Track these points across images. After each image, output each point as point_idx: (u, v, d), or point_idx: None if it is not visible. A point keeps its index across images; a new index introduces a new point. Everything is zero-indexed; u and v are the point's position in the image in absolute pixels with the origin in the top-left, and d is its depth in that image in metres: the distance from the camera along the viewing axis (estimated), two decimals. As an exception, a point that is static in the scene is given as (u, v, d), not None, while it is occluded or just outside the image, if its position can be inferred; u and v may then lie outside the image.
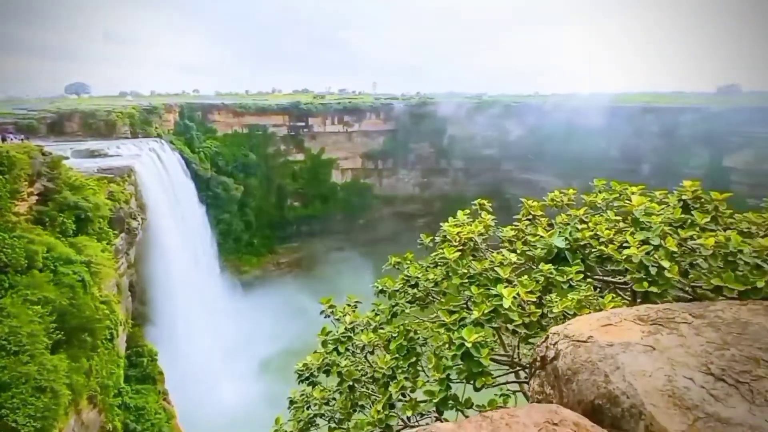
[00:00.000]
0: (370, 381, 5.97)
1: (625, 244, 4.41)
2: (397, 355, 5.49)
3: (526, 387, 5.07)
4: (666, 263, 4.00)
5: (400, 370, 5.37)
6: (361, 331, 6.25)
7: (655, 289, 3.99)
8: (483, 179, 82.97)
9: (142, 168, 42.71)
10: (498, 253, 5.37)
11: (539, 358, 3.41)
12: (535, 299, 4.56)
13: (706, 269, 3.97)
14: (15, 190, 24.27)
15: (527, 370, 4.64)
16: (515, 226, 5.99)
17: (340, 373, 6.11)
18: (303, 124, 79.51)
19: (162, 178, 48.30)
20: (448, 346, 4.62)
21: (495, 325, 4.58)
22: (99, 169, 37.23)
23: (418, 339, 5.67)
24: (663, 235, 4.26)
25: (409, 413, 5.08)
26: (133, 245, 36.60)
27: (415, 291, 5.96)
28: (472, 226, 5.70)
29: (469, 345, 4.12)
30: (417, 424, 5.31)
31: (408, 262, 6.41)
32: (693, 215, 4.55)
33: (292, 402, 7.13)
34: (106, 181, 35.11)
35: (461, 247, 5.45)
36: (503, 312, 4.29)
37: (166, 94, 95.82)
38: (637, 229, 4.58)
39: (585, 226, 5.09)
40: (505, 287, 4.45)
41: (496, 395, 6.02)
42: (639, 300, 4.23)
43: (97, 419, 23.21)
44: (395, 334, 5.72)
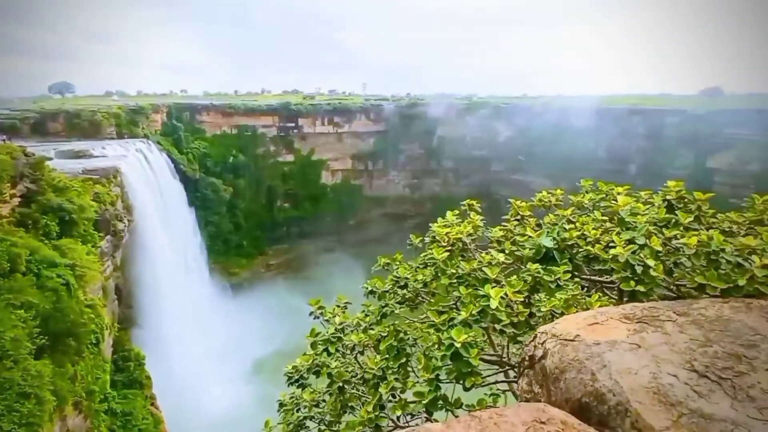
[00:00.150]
0: (360, 382, 5.96)
1: (611, 244, 4.46)
2: (387, 355, 5.48)
3: (515, 386, 5.10)
4: (651, 262, 4.06)
5: (390, 371, 5.37)
6: (351, 331, 6.23)
7: (641, 287, 4.05)
8: (473, 180, 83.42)
9: (129, 169, 42.12)
10: (487, 253, 5.40)
11: (527, 358, 3.43)
12: (522, 299, 4.59)
13: (690, 268, 4.04)
14: (-3, 191, 23.78)
15: (516, 370, 4.66)
16: (504, 226, 6.03)
17: (330, 375, 6.09)
18: (293, 124, 79.15)
19: (149, 180, 47.69)
20: (437, 346, 4.63)
21: (484, 325, 4.60)
22: (84, 170, 36.62)
23: (408, 339, 5.67)
24: (648, 235, 4.32)
25: (399, 413, 5.08)
26: (119, 248, 36.05)
27: (404, 292, 5.96)
28: (460, 226, 5.73)
29: (458, 345, 4.13)
30: (407, 424, 5.31)
31: (397, 263, 6.42)
32: (677, 215, 4.62)
33: (281, 405, 7.09)
34: (91, 182, 34.52)
35: (450, 248, 5.47)
36: (491, 312, 4.32)
37: (153, 94, 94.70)
38: (623, 228, 4.64)
39: (572, 226, 5.14)
40: (493, 287, 4.47)
41: (485, 395, 6.05)
42: (625, 299, 4.29)
43: (83, 425, 22.81)
44: (385, 335, 5.72)
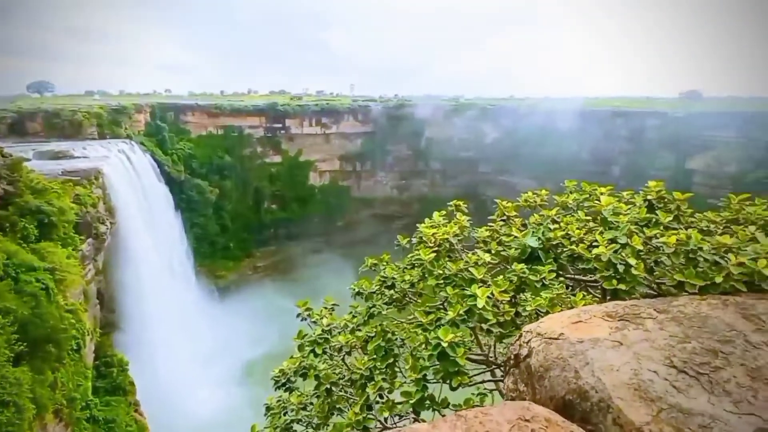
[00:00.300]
0: (348, 384, 5.95)
1: (594, 243, 4.54)
2: (374, 356, 5.49)
3: (502, 385, 5.14)
4: (632, 261, 4.15)
5: (378, 372, 5.37)
6: (339, 333, 6.23)
7: (623, 286, 4.13)
8: (460, 181, 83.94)
9: (111, 170, 41.36)
10: (473, 253, 5.45)
11: (513, 357, 3.47)
12: (509, 298, 4.64)
13: (670, 266, 4.13)
14: (-27, 194, 23.13)
15: (503, 369, 4.71)
16: (490, 226, 6.09)
17: (317, 377, 6.07)
18: (280, 125, 78.58)
19: (132, 181, 46.91)
20: (424, 346, 4.65)
21: (471, 325, 4.64)
22: (64, 171, 35.86)
23: (396, 340, 5.69)
24: (630, 234, 4.41)
25: (387, 414, 5.09)
26: (101, 251, 35.37)
27: (392, 292, 5.98)
28: (447, 227, 5.76)
29: (445, 345, 4.16)
30: (395, 425, 5.32)
31: (384, 264, 6.43)
32: (657, 215, 4.73)
33: (268, 408, 7.04)
34: (71, 183, 33.79)
35: (437, 248, 5.50)
36: (478, 312, 4.36)
37: (136, 94, 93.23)
38: (606, 228, 4.73)
39: (557, 226, 5.22)
40: (480, 287, 4.51)
41: (473, 394, 6.10)
42: (608, 297, 4.37)
43: (64, 432, 22.29)
44: (372, 335, 5.73)
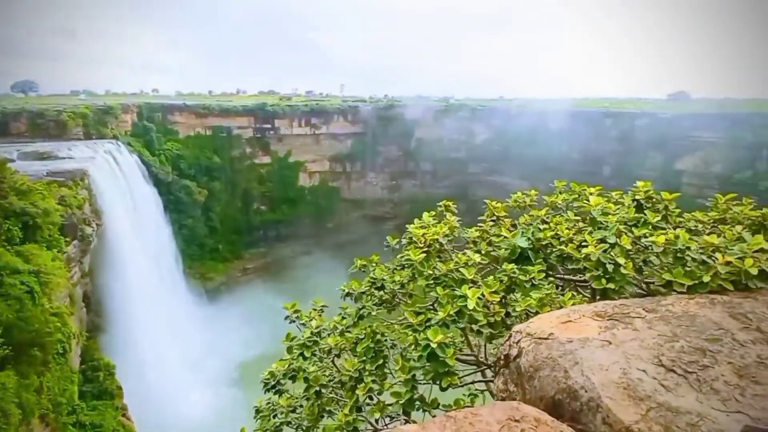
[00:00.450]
0: (338, 385, 5.91)
1: (584, 243, 4.56)
2: (364, 357, 5.45)
3: (492, 386, 5.14)
4: (622, 260, 4.18)
5: (368, 373, 5.34)
6: (328, 335, 6.18)
7: (612, 285, 4.15)
8: (451, 182, 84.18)
9: (97, 171, 40.80)
10: (463, 254, 5.44)
11: (503, 357, 3.46)
12: (499, 299, 4.64)
13: (659, 266, 4.16)
14: (-46, 195, 22.63)
15: (493, 369, 4.70)
16: (480, 227, 6.09)
17: (306, 379, 6.02)
18: (269, 126, 78.05)
19: (119, 182, 46.31)
20: (414, 347, 4.63)
21: (461, 326, 4.63)
22: (48, 172, 35.33)
23: (386, 341, 5.66)
24: (618, 234, 4.44)
25: (377, 415, 5.06)
26: (87, 253, 34.85)
27: (381, 293, 5.95)
28: (437, 227, 5.75)
29: (434, 345, 4.14)
30: (385, 427, 5.29)
31: (374, 265, 6.40)
32: (646, 214, 4.77)
33: (258, 411, 6.97)
34: (56, 185, 33.31)
35: (427, 249, 5.49)
36: (468, 312, 4.34)
37: (123, 94, 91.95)
38: (595, 228, 4.75)
39: (546, 226, 5.24)
40: (470, 288, 4.50)
41: (464, 395, 6.09)
42: (598, 297, 4.39)
43: (49, 438, 21.89)
44: (362, 337, 5.69)
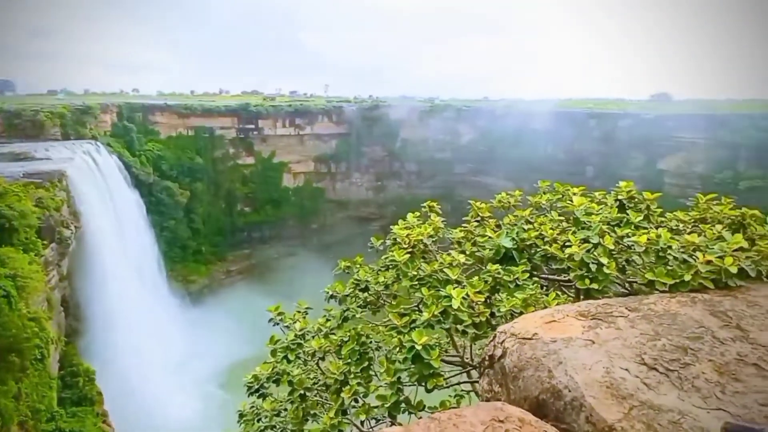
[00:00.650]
0: (322, 388, 5.84)
1: (567, 243, 4.59)
2: (349, 360, 5.40)
3: (478, 387, 5.14)
4: (605, 260, 4.21)
5: (353, 376, 5.29)
6: (312, 337, 6.10)
7: (596, 285, 4.18)
8: (436, 182, 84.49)
9: (75, 172, 39.90)
10: (448, 254, 5.44)
11: (487, 357, 3.45)
12: (483, 299, 4.64)
13: (641, 265, 4.21)
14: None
15: (478, 370, 4.70)
16: (464, 227, 6.09)
17: (290, 382, 5.94)
18: (253, 126, 77.23)
19: (98, 183, 45.35)
20: (399, 349, 4.60)
21: (446, 326, 4.62)
22: (25, 173, 34.45)
23: (371, 343, 5.61)
24: (602, 234, 4.48)
25: (363, 417, 5.01)
26: (65, 256, 34.03)
27: (366, 295, 5.90)
28: (421, 228, 5.73)
29: (419, 347, 4.11)
30: (371, 429, 5.25)
31: (358, 266, 6.35)
32: (628, 214, 4.82)
33: (241, 415, 6.87)
34: (33, 186, 32.47)
35: (411, 250, 5.47)
36: (453, 313, 4.33)
37: (102, 93, 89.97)
38: (579, 228, 4.79)
39: (531, 226, 5.27)
40: (454, 288, 4.49)
41: (450, 396, 6.09)
42: (582, 296, 4.42)
43: (26, 447, 21.29)
44: (347, 339, 5.63)
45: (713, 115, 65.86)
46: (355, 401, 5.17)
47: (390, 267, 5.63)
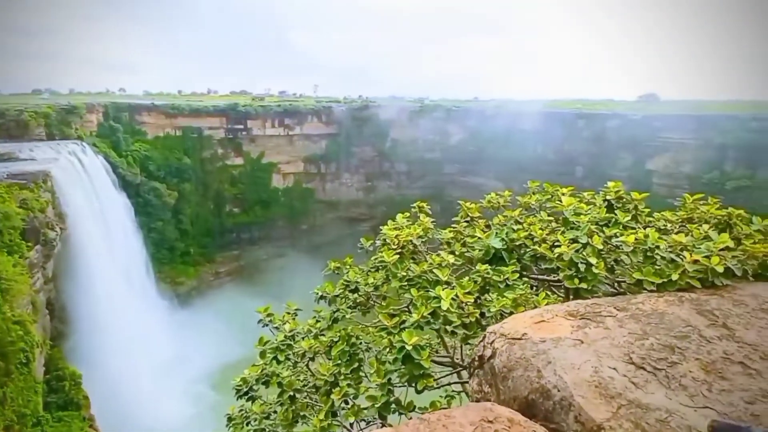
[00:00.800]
0: (312, 390, 5.80)
1: (557, 243, 4.61)
2: (339, 361, 5.36)
3: (468, 387, 5.14)
4: (593, 260, 4.23)
5: (343, 377, 5.25)
6: (302, 338, 6.06)
7: (585, 285, 4.20)
8: (426, 182, 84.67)
9: (60, 173, 39.25)
10: (437, 255, 5.43)
11: (477, 358, 3.45)
12: (473, 300, 4.64)
13: (629, 264, 4.24)
14: None
15: (468, 370, 4.70)
16: (454, 228, 6.09)
17: (280, 384, 5.88)
18: (241, 126, 76.60)
19: (84, 184, 44.64)
20: (389, 349, 4.57)
21: (435, 327, 4.61)
22: (8, 174, 33.83)
23: (361, 344, 5.59)
24: (590, 234, 4.50)
25: (353, 419, 4.98)
26: (50, 258, 33.44)
27: (355, 296, 5.87)
28: (411, 229, 5.72)
29: (409, 348, 4.10)
30: (361, 431, 5.22)
31: (348, 267, 6.32)
32: (616, 214, 4.86)
33: (230, 419, 6.78)
34: (17, 187, 31.91)
35: (400, 250, 5.45)
36: (442, 313, 4.32)
37: (88, 93, 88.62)
38: (567, 228, 4.81)
39: (520, 226, 5.28)
40: (444, 289, 4.48)
41: (441, 397, 6.08)
42: (571, 296, 4.44)
43: (10, 453, 20.88)
44: (337, 340, 5.60)
45: (701, 116, 66.74)
46: (345, 403, 5.14)
47: (380, 268, 5.61)
